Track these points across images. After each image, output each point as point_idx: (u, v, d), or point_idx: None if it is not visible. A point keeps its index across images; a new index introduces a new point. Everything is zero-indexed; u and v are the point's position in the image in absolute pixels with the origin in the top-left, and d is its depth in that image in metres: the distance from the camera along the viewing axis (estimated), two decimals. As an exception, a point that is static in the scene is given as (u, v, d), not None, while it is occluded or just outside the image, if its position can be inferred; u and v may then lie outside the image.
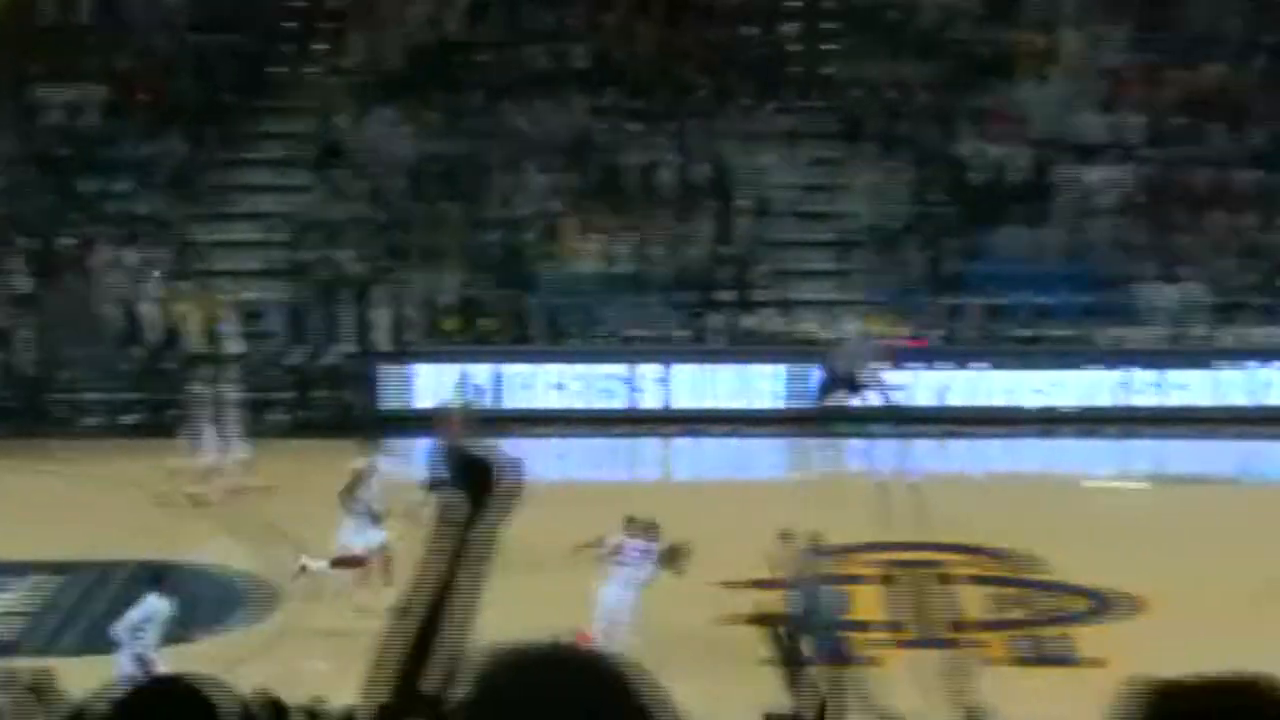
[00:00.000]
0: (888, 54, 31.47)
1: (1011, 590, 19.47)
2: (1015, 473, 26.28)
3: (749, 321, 28.28)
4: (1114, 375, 26.89)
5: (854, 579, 20.07)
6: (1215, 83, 30.71)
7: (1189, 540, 21.01)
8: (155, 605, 16.05)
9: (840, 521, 21.70)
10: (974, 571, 20.10)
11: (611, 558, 17.73)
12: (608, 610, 17.56)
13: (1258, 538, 20.66)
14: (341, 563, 19.02)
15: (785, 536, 17.60)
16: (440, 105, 30.78)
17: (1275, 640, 17.90)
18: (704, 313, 28.40)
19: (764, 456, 27.08)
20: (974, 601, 19.20)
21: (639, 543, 17.79)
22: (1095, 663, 17.63)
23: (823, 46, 32.24)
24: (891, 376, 26.38)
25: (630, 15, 32.17)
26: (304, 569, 18.87)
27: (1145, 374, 26.88)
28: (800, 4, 32.60)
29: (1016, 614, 18.92)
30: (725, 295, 28.73)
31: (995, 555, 20.54)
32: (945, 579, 19.76)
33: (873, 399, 26.23)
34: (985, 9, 32.00)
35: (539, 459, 25.04)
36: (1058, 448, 26.44)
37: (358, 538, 18.93)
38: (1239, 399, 26.69)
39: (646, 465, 27.49)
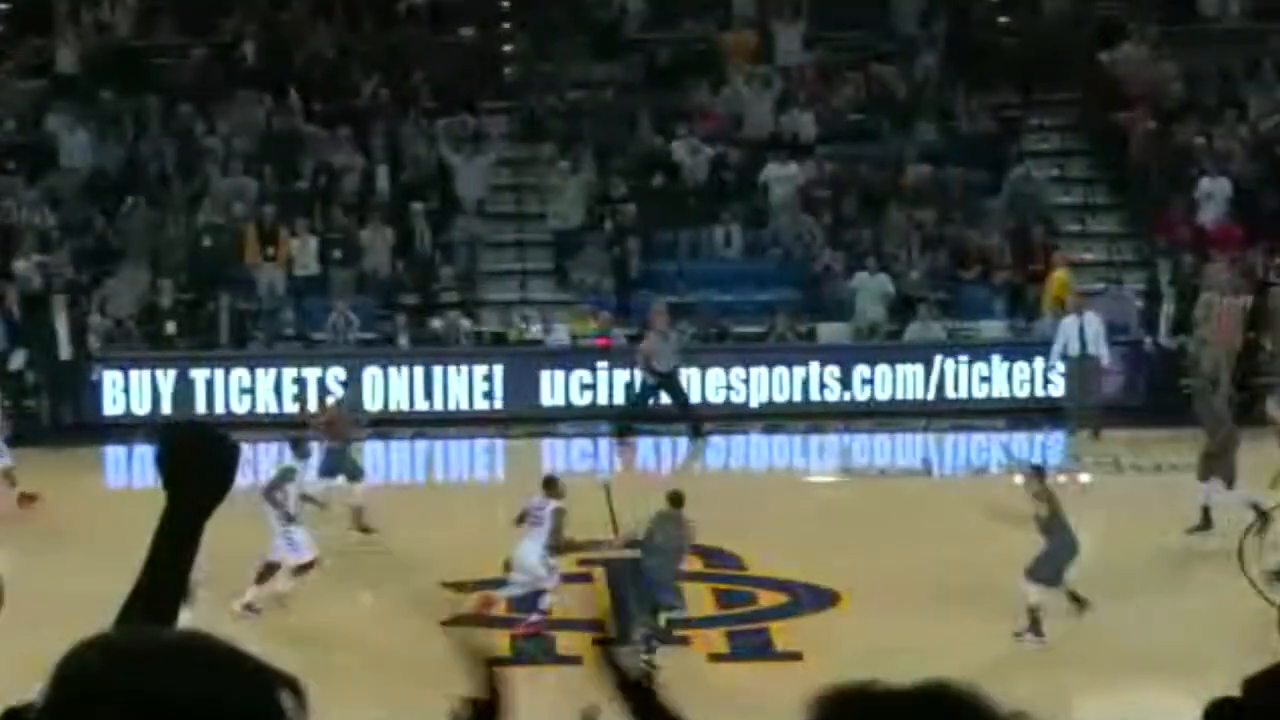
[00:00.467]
0: (572, 54, 31.62)
1: (709, 586, 19.60)
2: (708, 469, 26.55)
3: (436, 323, 28.17)
4: (800, 371, 27.28)
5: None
6: (889, 81, 31.41)
7: (878, 533, 21.38)
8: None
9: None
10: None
11: (528, 518, 18.26)
12: (525, 569, 18.13)
13: (943, 528, 21.09)
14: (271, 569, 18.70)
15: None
16: (119, 109, 30.15)
17: (960, 630, 18.38)
18: (390, 315, 28.24)
19: (453, 458, 26.97)
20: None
21: (539, 500, 18.33)
22: (791, 656, 17.88)
23: (506, 48, 32.29)
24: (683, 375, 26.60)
25: (310, 17, 31.83)
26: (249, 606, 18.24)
27: (831, 369, 27.36)
28: (482, 5, 32.57)
29: (714, 610, 19.05)
30: (411, 298, 28.61)
31: (692, 552, 20.65)
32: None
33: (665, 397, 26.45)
34: (668, 9, 32.33)
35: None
36: (748, 444, 26.76)
37: (295, 542, 18.62)
38: (922, 393, 27.28)
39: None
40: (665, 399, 26.64)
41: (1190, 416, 26.58)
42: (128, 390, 26.75)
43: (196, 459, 3.32)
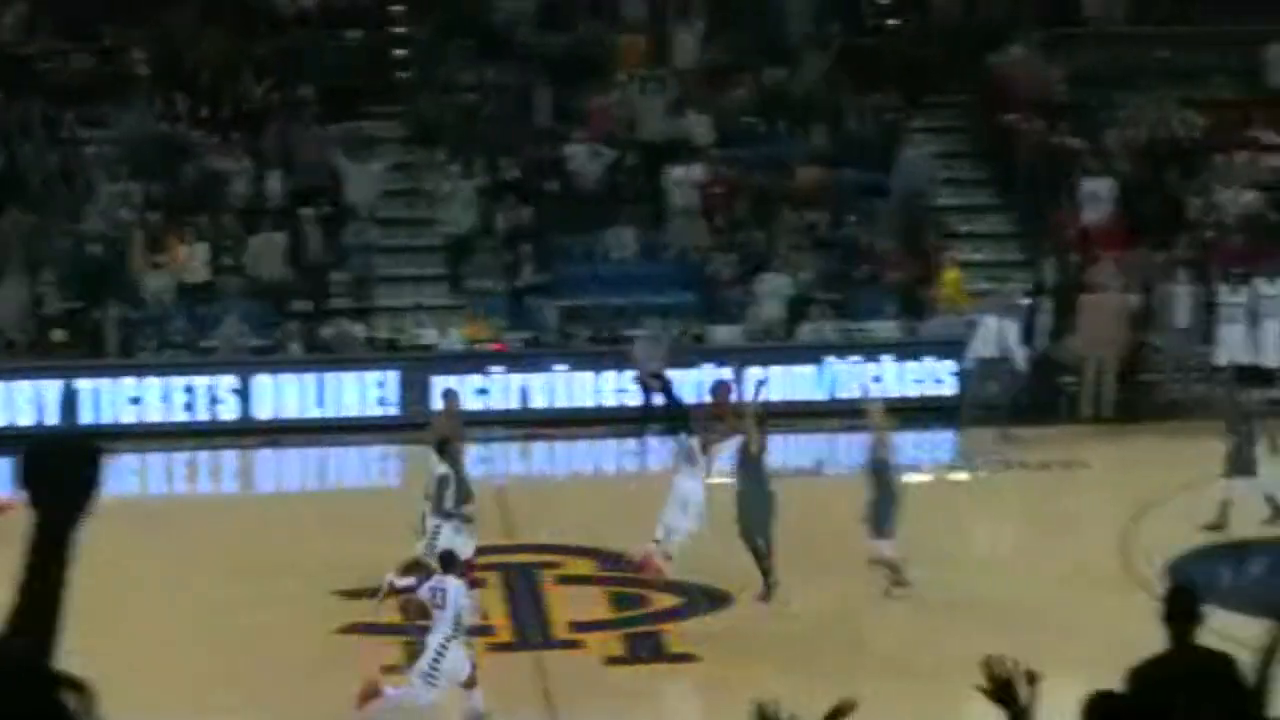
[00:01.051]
0: (464, 58, 31.52)
1: (604, 590, 19.60)
2: (600, 472, 26.57)
3: (328, 330, 28.04)
4: (694, 373, 27.23)
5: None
6: (781, 83, 31.51)
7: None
8: (458, 587, 15.75)
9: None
10: (566, 572, 20.21)
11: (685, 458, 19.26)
12: (689, 503, 19.02)
13: (837, 528, 21.13)
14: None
15: None
16: (3, 115, 29.81)
17: (854, 629, 18.48)
18: (282, 322, 28.07)
19: (348, 465, 26.83)
20: (568, 602, 19.28)
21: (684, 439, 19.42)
22: (687, 658, 17.90)
23: (397, 52, 32.15)
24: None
25: (199, 22, 31.57)
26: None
27: (724, 371, 27.34)
28: (373, 8, 32.41)
29: (610, 613, 19.04)
30: (303, 304, 28.45)
31: (586, 555, 20.68)
32: (538, 581, 19.81)
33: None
34: (560, 12, 32.28)
35: (116, 476, 24.42)
36: (618, 448, 26.77)
37: (460, 541, 18.51)
38: (814, 394, 27.34)
39: (228, 478, 27.01)
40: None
41: (1071, 413, 26.92)
42: (11, 401, 26.42)
43: (58, 472, 3.23)
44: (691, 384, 27.19)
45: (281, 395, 27.03)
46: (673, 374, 26.63)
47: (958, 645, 17.36)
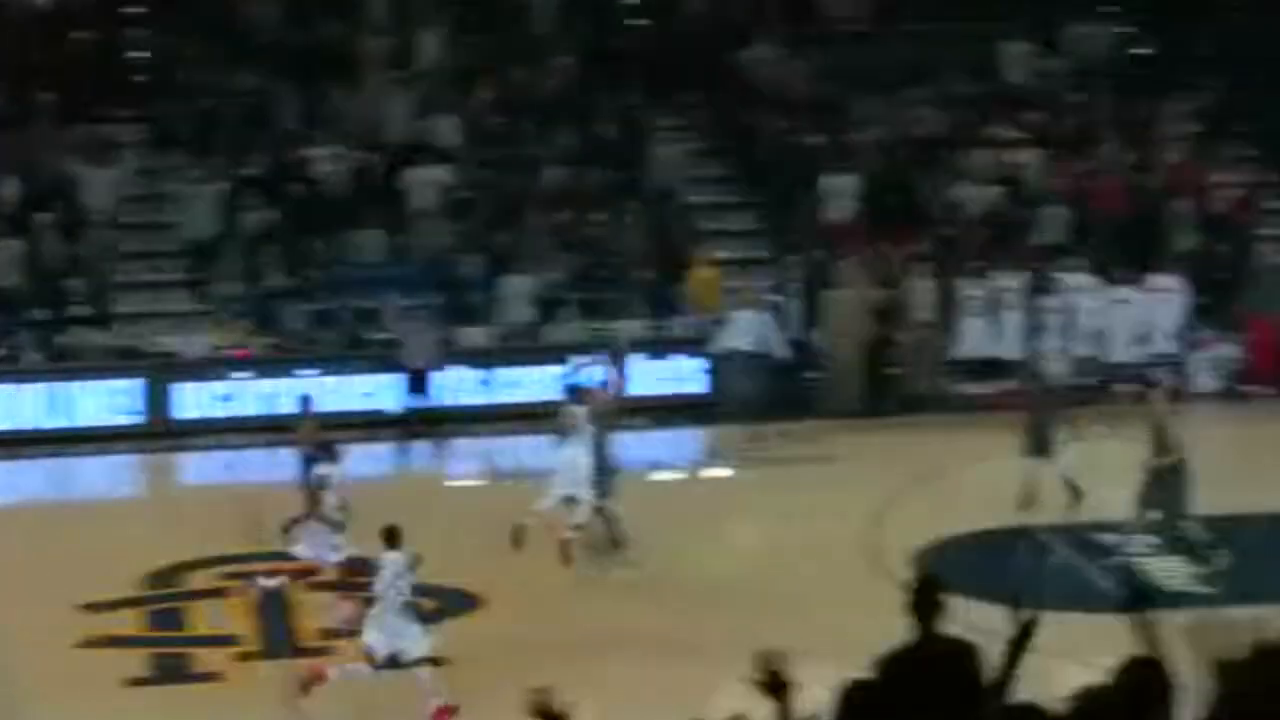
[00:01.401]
0: (204, 59, 30.99)
1: (355, 596, 19.35)
2: (349, 477, 26.25)
3: (66, 338, 27.42)
4: (441, 375, 27.08)
5: (194, 595, 19.75)
6: (527, 84, 31.46)
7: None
8: (399, 559, 16.21)
9: (178, 537, 21.41)
10: (317, 579, 19.99)
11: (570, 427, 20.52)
12: (573, 469, 20.30)
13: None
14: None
15: None
16: None
17: (604, 627, 18.51)
18: (17, 331, 27.39)
19: (88, 475, 26.23)
20: (319, 609, 19.06)
21: (572, 410, 20.67)
22: (438, 660, 17.79)
23: (136, 53, 31.54)
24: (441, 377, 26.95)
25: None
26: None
27: (472, 373, 27.27)
28: (108, 10, 31.76)
29: (362, 619, 18.79)
30: (40, 313, 27.78)
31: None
32: (288, 589, 19.55)
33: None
34: (303, 12, 31.90)
35: None
36: (371, 452, 26.53)
37: (332, 547, 18.85)
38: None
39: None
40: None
41: (819, 408, 27.19)
42: None
43: None
44: (443, 386, 27.09)
45: (17, 405, 26.38)
46: (434, 373, 26.64)
47: (709, 634, 17.52)
